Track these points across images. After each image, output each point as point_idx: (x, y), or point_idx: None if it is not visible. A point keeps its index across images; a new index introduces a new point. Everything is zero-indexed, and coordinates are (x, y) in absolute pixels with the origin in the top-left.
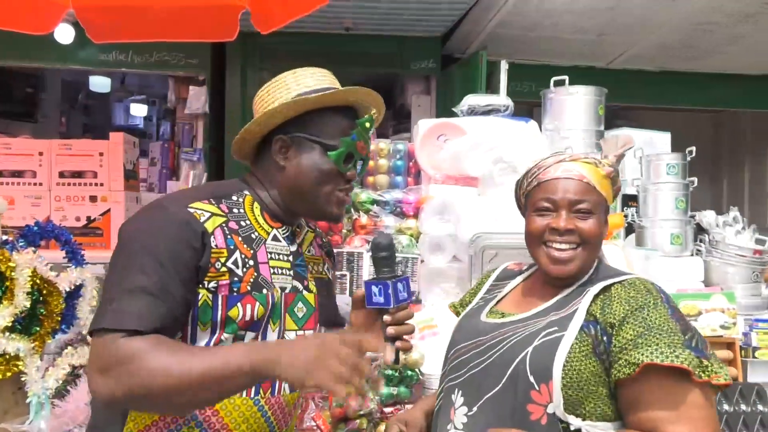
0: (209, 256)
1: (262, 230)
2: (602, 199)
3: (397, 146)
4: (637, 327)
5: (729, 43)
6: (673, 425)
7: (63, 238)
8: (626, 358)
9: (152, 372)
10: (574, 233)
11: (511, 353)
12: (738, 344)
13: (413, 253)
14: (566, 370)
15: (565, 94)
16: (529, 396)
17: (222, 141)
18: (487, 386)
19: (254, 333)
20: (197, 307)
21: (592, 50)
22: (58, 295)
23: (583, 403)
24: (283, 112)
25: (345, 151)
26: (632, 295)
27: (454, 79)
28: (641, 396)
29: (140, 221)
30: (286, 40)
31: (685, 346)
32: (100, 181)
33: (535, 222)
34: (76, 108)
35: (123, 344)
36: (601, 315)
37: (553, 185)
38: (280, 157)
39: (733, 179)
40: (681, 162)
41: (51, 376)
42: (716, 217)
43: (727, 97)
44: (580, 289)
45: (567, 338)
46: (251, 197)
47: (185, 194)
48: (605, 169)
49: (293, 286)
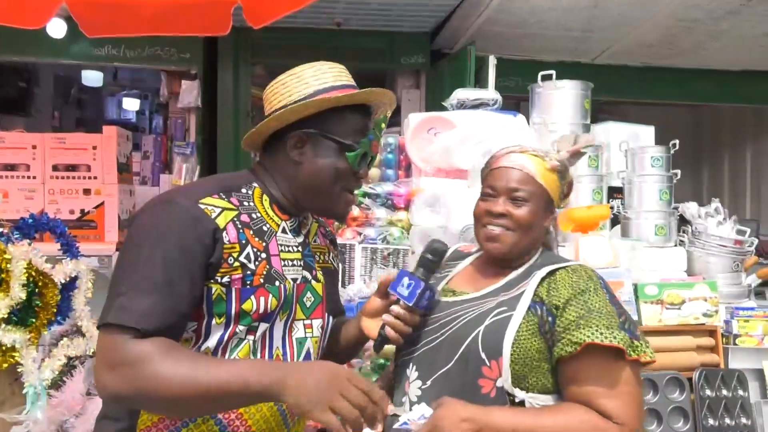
0: (221, 252)
1: (272, 222)
2: (542, 190)
3: (388, 140)
4: (580, 309)
5: (710, 40)
6: (605, 399)
7: (58, 230)
8: (569, 337)
9: (159, 378)
10: (506, 217)
11: (463, 331)
12: (720, 332)
13: (404, 244)
14: (515, 348)
15: (552, 88)
16: (481, 371)
17: (214, 134)
18: (441, 362)
19: (268, 323)
20: (211, 301)
21: (576, 46)
22: (54, 287)
23: (527, 377)
24: (301, 110)
25: (362, 151)
26: (575, 280)
27: (444, 74)
28: (579, 372)
29: (151, 215)
30: (278, 35)
31: (620, 328)
32: (94, 175)
33: (478, 205)
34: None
35: (132, 346)
36: (547, 297)
37: (498, 173)
38: (295, 153)
39: (713, 172)
40: (665, 155)
41: (47, 367)
42: (698, 209)
43: (707, 92)
44: (527, 272)
45: (516, 318)
46: (260, 189)
47: (196, 188)
48: (551, 162)
49: (303, 276)
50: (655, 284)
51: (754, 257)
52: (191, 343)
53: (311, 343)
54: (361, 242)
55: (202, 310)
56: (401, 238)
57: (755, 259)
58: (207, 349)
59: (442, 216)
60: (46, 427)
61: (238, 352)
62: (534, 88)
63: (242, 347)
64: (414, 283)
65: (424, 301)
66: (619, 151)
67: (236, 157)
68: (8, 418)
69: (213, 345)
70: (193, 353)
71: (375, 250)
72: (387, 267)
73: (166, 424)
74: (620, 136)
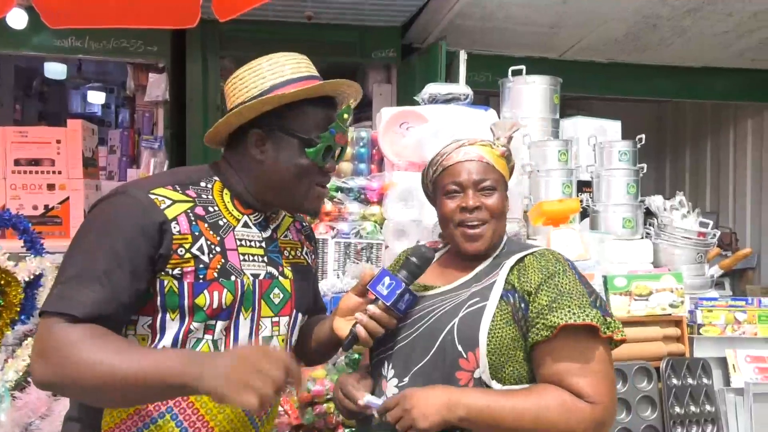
0: (170, 243)
1: (231, 217)
2: (501, 176)
3: (361, 134)
4: (551, 293)
5: (673, 36)
6: (577, 378)
7: (21, 226)
8: (543, 322)
9: (80, 364)
10: (482, 209)
11: (438, 324)
12: (685, 322)
13: (378, 239)
14: (490, 337)
15: (522, 83)
16: (458, 364)
17: (183, 128)
18: (416, 357)
19: (225, 321)
20: (164, 295)
21: (544, 42)
22: (17, 285)
23: (504, 367)
24: (258, 107)
25: (324, 146)
26: (543, 264)
27: (415, 69)
28: (551, 354)
29: (102, 206)
30: (247, 27)
31: (592, 306)
32: (58, 169)
33: (446, 205)
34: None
35: (60, 331)
36: (518, 284)
37: (458, 168)
38: (256, 151)
39: (675, 166)
40: (632, 149)
41: (11, 368)
42: (664, 202)
43: (670, 88)
44: (496, 261)
45: (489, 307)
46: (221, 183)
47: (151, 180)
48: (499, 149)
49: (268, 272)
50: (624, 276)
51: (717, 249)
52: (147, 341)
53: (278, 342)
54: (334, 237)
55: (156, 304)
56: (374, 232)
57: (717, 251)
58: (164, 347)
59: (415, 210)
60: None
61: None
62: (504, 82)
63: (201, 347)
64: (395, 284)
65: (402, 304)
66: (587, 145)
67: (205, 152)
68: None
69: (169, 343)
70: (121, 341)
71: (348, 244)
72: (360, 262)
73: (128, 426)
74: (588, 131)
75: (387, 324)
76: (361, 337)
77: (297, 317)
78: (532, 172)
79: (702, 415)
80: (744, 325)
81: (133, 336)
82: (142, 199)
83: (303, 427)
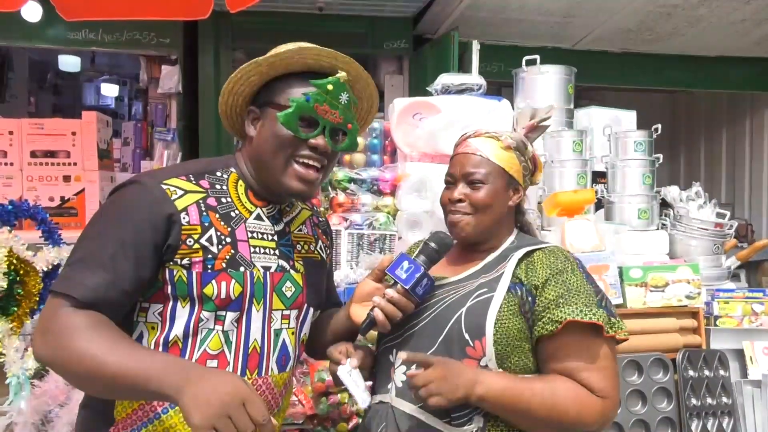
0: (179, 234)
1: (243, 209)
2: (498, 169)
3: (373, 125)
4: (558, 288)
5: (687, 26)
6: (587, 373)
7: (39, 217)
8: (549, 316)
9: (73, 353)
10: (464, 202)
11: (446, 313)
12: (702, 313)
13: (390, 230)
14: (497, 327)
15: (536, 73)
16: (465, 352)
17: (195, 120)
18: (424, 345)
19: (236, 312)
20: (174, 284)
21: (558, 32)
22: (36, 275)
23: (510, 357)
24: (245, 77)
25: (294, 111)
26: (552, 261)
27: (426, 60)
28: (560, 349)
29: (116, 195)
30: (259, 19)
31: (598, 306)
32: (74, 161)
33: (442, 194)
34: (44, 88)
35: (63, 315)
36: (525, 278)
37: (455, 160)
38: (251, 129)
39: (689, 157)
40: (647, 139)
41: (30, 357)
42: (680, 192)
43: (684, 77)
44: (504, 254)
45: (496, 298)
46: (236, 175)
47: (167, 170)
48: (506, 141)
49: (279, 265)
50: (640, 267)
51: (733, 240)
52: (157, 330)
53: (287, 334)
54: (347, 228)
55: (167, 292)
56: (387, 223)
57: (734, 242)
58: (175, 337)
59: (428, 201)
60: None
61: (208, 343)
62: (518, 72)
63: (212, 338)
64: (413, 268)
65: (420, 289)
66: (602, 135)
67: (218, 143)
68: None
69: (180, 333)
70: (118, 337)
71: (361, 235)
72: (373, 252)
73: (140, 416)
74: (603, 121)
75: (405, 308)
76: (378, 321)
77: (308, 312)
78: (547, 163)
79: (719, 407)
80: (761, 317)
81: (144, 323)
82: (154, 190)
83: (317, 416)
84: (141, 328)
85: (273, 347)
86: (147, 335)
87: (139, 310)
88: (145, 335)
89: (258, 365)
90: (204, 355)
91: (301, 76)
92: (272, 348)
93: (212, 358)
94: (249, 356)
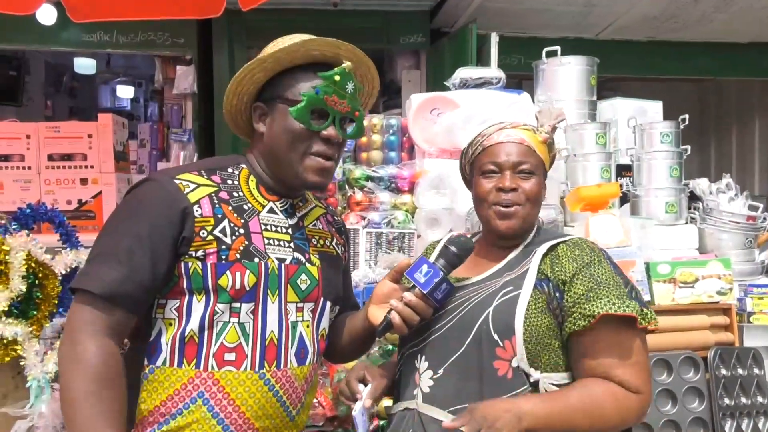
0: (193, 226)
1: (256, 203)
2: (541, 162)
3: (390, 121)
4: (587, 282)
5: (715, 12)
6: (621, 369)
7: (57, 220)
8: (580, 311)
9: (63, 382)
10: (518, 191)
11: (472, 314)
12: (734, 310)
13: (409, 228)
14: (526, 325)
15: (557, 64)
16: (495, 353)
17: (211, 120)
18: (451, 348)
19: (250, 303)
20: (189, 277)
21: (579, 22)
22: (54, 278)
23: (540, 355)
24: (249, 76)
25: (306, 105)
26: (578, 253)
27: (444, 53)
28: (593, 344)
29: (132, 193)
30: (273, 17)
31: (629, 297)
32: (90, 164)
33: (482, 185)
34: (61, 91)
35: (86, 340)
36: (551, 273)
37: (497, 149)
38: (260, 125)
39: (720, 148)
40: (674, 130)
41: (50, 360)
42: (709, 185)
43: (712, 65)
44: (527, 250)
45: (523, 296)
46: (247, 170)
47: (180, 167)
48: (542, 135)
49: (294, 257)
50: (668, 263)
51: (767, 234)
52: (174, 325)
53: (303, 327)
54: (365, 227)
55: (182, 287)
56: (406, 221)
57: (767, 236)
58: (191, 332)
59: (447, 198)
60: (51, 421)
61: (225, 336)
62: (538, 65)
63: (228, 331)
64: (432, 272)
65: (439, 293)
66: (627, 127)
67: (234, 143)
68: (12, 413)
69: (196, 327)
70: (105, 382)
71: (380, 234)
72: (392, 251)
73: (162, 412)
74: (627, 113)
75: (423, 312)
76: (395, 324)
77: (325, 305)
78: (569, 157)
79: (753, 406)
80: None
81: (162, 320)
82: (167, 185)
83: (337, 418)
84: (159, 324)
85: (291, 340)
86: (165, 332)
87: (157, 306)
88: (164, 332)
89: (276, 357)
90: (221, 348)
91: (306, 68)
92: (290, 340)
93: (230, 351)
94: (267, 348)
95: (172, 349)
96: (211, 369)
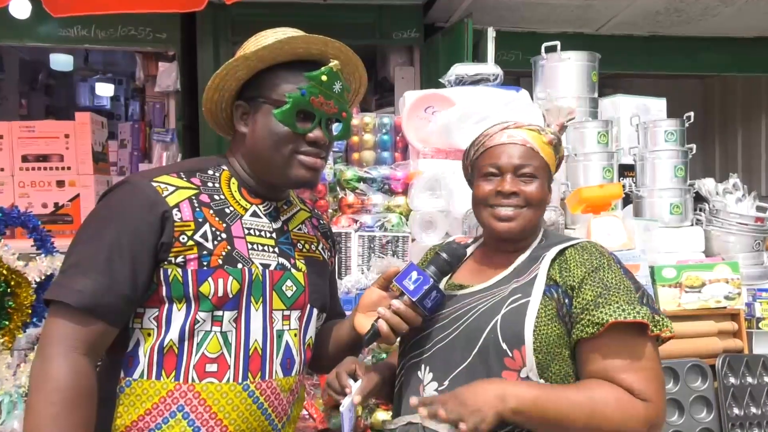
0: (172, 231)
1: (238, 206)
2: (545, 164)
3: (383, 120)
4: (596, 287)
5: (720, 5)
6: (627, 374)
7: (30, 224)
8: (589, 318)
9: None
10: (518, 196)
11: (479, 323)
12: (743, 315)
13: (403, 231)
14: (536, 334)
15: (556, 60)
16: (503, 363)
17: (196, 119)
18: (457, 359)
19: (233, 312)
20: (169, 284)
21: (579, 16)
22: (28, 286)
23: (550, 365)
24: (231, 73)
25: (291, 107)
26: (587, 258)
27: (439, 49)
28: (600, 350)
29: (108, 197)
30: (260, 11)
31: (640, 303)
32: (67, 165)
33: (481, 187)
34: (36, 89)
35: (60, 361)
36: (560, 278)
37: (498, 151)
38: (241, 124)
39: (725, 147)
40: (679, 128)
41: (23, 373)
42: (716, 185)
43: (717, 61)
44: (534, 255)
45: (533, 303)
46: (228, 172)
47: (158, 168)
48: (548, 136)
49: (279, 263)
50: (673, 266)
51: None
52: (153, 336)
53: (289, 336)
54: (357, 230)
55: (162, 295)
56: (400, 224)
57: None
58: (170, 342)
59: (443, 199)
60: None
61: (206, 346)
62: (537, 60)
63: (210, 341)
64: (422, 279)
65: (428, 301)
66: (629, 125)
67: (219, 143)
68: None
69: (176, 337)
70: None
71: (372, 238)
72: (385, 256)
73: (140, 427)
74: (630, 110)
75: (411, 321)
76: (382, 333)
77: (311, 312)
78: (570, 156)
79: (764, 416)
80: None
81: (140, 330)
82: (144, 188)
83: (328, 430)
84: (137, 335)
85: (276, 349)
86: (143, 342)
87: (135, 315)
88: (141, 342)
89: (261, 368)
90: (203, 359)
91: (291, 66)
92: (275, 350)
93: (211, 362)
94: (250, 358)
95: (150, 360)
96: (192, 381)
